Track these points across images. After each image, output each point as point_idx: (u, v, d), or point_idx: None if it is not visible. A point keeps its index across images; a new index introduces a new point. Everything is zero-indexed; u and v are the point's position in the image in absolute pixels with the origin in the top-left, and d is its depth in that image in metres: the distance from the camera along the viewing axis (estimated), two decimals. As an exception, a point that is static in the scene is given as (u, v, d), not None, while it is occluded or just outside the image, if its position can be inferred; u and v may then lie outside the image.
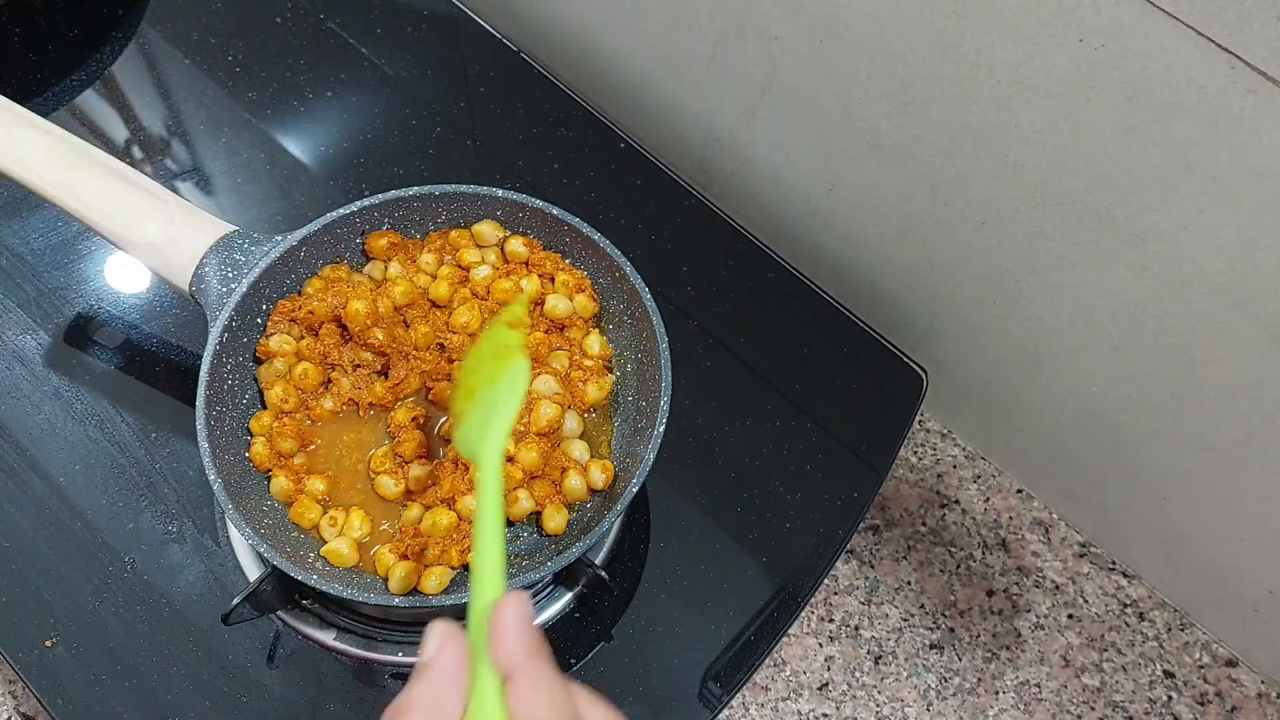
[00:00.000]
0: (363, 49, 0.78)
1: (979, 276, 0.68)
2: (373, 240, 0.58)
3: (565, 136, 0.75)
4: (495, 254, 0.59)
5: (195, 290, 0.54)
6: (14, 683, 0.65)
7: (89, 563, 0.58)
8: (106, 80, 0.75)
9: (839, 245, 0.76)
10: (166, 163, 0.73)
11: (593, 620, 0.59)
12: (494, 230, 0.59)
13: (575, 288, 0.58)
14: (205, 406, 0.51)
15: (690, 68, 0.74)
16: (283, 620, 0.58)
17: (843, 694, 0.69)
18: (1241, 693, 0.72)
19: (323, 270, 0.58)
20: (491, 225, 0.59)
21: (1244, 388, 0.59)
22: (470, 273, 0.58)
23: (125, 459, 0.61)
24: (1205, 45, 0.47)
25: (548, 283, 0.58)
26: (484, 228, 0.59)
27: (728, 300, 0.70)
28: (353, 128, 0.74)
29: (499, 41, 0.78)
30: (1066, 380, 0.69)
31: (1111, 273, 0.60)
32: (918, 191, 0.67)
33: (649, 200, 0.73)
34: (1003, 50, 0.54)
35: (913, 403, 0.67)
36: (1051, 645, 0.73)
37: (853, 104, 0.65)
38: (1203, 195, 0.52)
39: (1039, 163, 0.58)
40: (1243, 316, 0.56)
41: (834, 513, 0.63)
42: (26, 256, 0.68)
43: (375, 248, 0.58)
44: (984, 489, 0.79)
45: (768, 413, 0.66)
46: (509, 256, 0.59)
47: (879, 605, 0.73)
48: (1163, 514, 0.70)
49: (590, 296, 0.58)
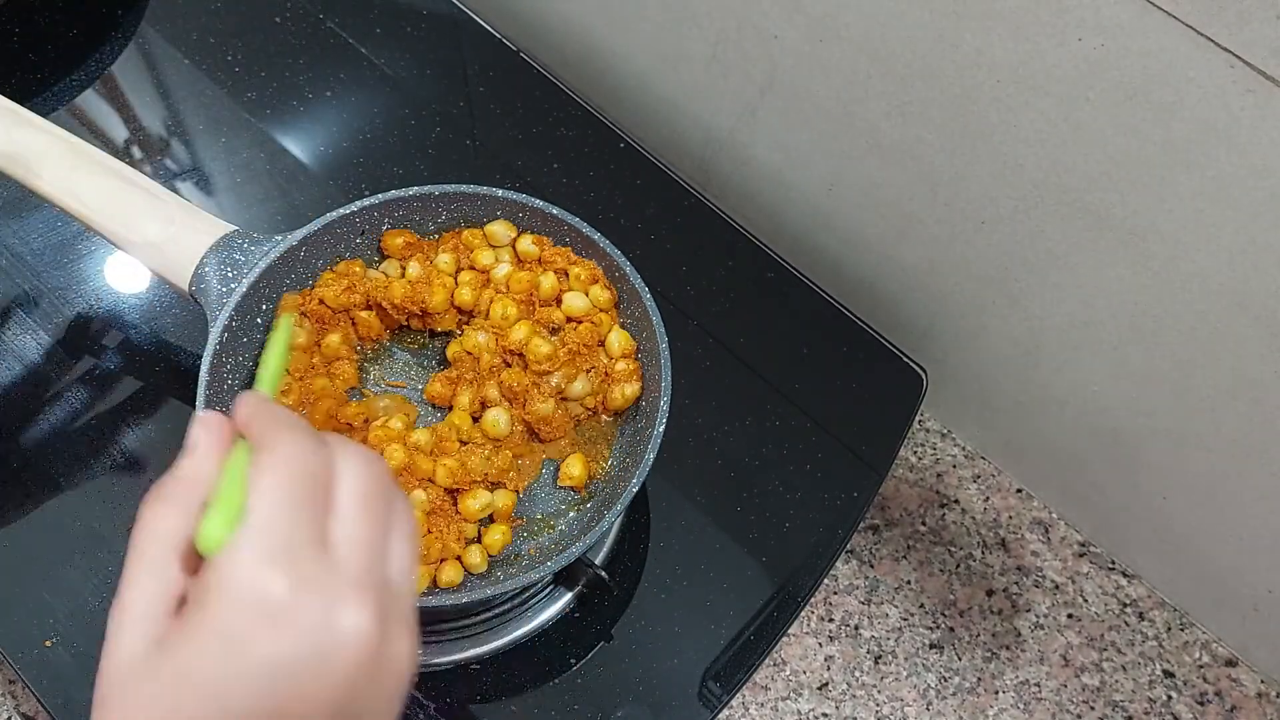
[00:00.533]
0: (362, 49, 0.78)
1: (979, 276, 0.68)
2: (389, 239, 0.58)
3: (565, 136, 0.75)
4: (508, 253, 0.59)
5: (195, 290, 0.54)
6: (14, 683, 0.65)
7: (89, 563, 0.58)
8: (106, 80, 0.75)
9: (839, 245, 0.76)
10: (166, 163, 0.73)
11: (593, 620, 0.59)
12: (506, 230, 0.59)
13: (589, 280, 0.58)
14: (205, 406, 0.51)
15: (690, 68, 0.74)
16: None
17: (842, 694, 0.69)
18: (1241, 692, 0.72)
19: (338, 265, 0.58)
20: (504, 225, 0.59)
21: (1244, 388, 0.59)
22: (490, 274, 0.59)
23: (125, 459, 0.61)
24: (1205, 45, 0.47)
25: (562, 278, 0.58)
26: (496, 227, 0.59)
27: (728, 300, 0.70)
28: (352, 128, 0.74)
29: (499, 41, 0.78)
30: (1066, 380, 0.69)
31: (1111, 273, 0.60)
32: (918, 191, 0.67)
33: (649, 200, 0.73)
34: (1002, 50, 0.55)
35: (913, 402, 0.67)
36: (1051, 645, 0.73)
37: (853, 104, 0.65)
38: (1203, 195, 0.52)
39: (1039, 162, 0.58)
40: (1243, 316, 0.56)
41: (834, 513, 0.63)
42: (26, 256, 0.68)
43: (391, 246, 0.59)
44: (984, 489, 0.79)
45: (768, 413, 0.66)
46: (521, 255, 0.59)
47: (879, 605, 0.73)
48: (1163, 514, 0.70)
49: (605, 286, 0.58)
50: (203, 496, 0.31)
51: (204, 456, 0.33)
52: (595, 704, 0.57)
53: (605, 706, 0.57)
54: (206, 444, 0.33)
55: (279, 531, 0.30)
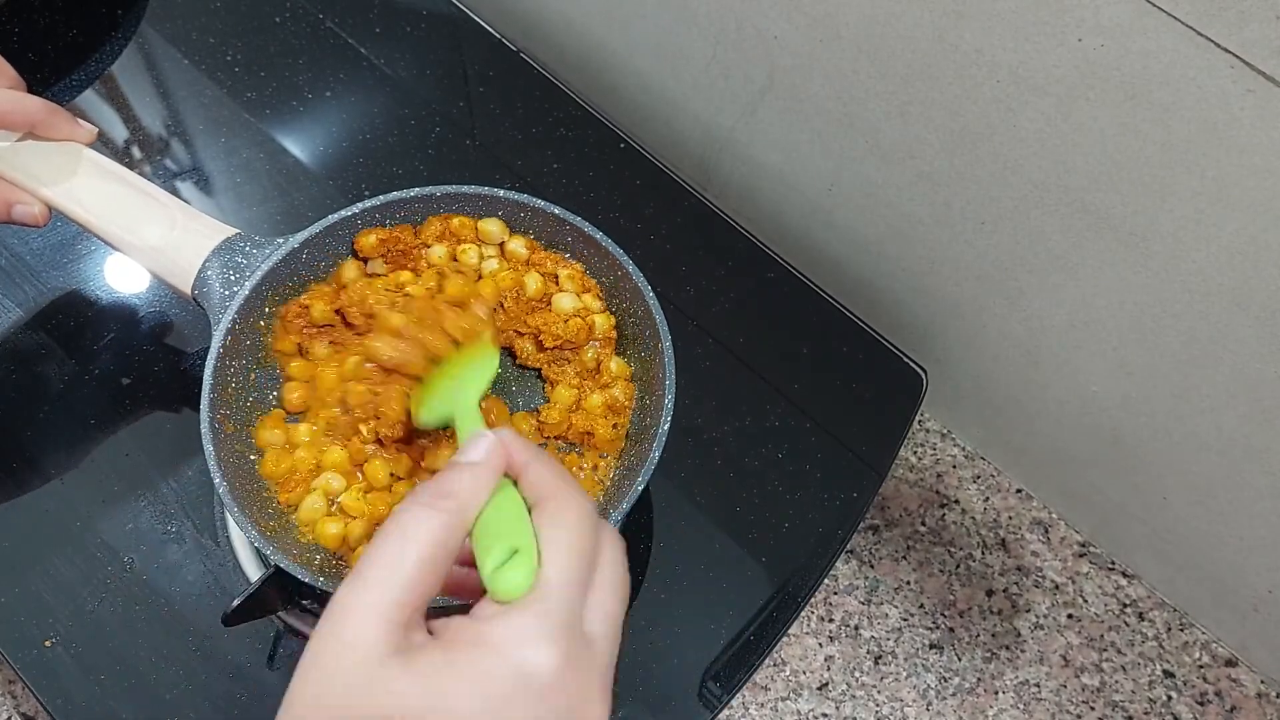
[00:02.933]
0: (362, 49, 0.78)
1: (979, 276, 0.68)
2: (362, 239, 0.57)
3: (565, 136, 0.75)
4: (495, 251, 0.59)
5: (198, 293, 0.54)
6: (14, 683, 0.65)
7: (88, 562, 0.58)
8: (106, 80, 0.75)
9: (839, 245, 0.76)
10: (166, 163, 0.73)
11: (593, 620, 0.59)
12: (500, 229, 0.59)
13: (581, 286, 0.58)
14: (209, 410, 0.51)
15: (690, 67, 0.74)
16: (283, 620, 0.58)
17: (842, 694, 0.69)
18: (1241, 692, 0.72)
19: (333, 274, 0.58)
20: (498, 224, 0.59)
21: (1244, 388, 0.59)
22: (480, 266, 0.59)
23: (125, 459, 0.61)
24: (1205, 45, 0.47)
25: (550, 282, 0.58)
26: (490, 225, 0.59)
27: (728, 300, 0.70)
28: (352, 128, 0.74)
29: (499, 41, 0.78)
30: (1066, 380, 0.69)
31: (1111, 273, 0.60)
32: (918, 191, 0.67)
33: (649, 200, 0.73)
34: (1002, 50, 0.55)
35: (913, 403, 0.67)
36: (1051, 645, 0.73)
37: (853, 104, 0.65)
38: (1202, 195, 0.52)
39: (1039, 163, 0.58)
40: (1243, 316, 0.56)
41: (834, 513, 0.63)
42: (26, 256, 0.68)
43: (364, 245, 0.57)
44: (984, 489, 0.79)
45: (768, 413, 0.66)
46: (508, 256, 0.59)
47: (879, 605, 0.73)
48: (1163, 514, 0.70)
49: (597, 295, 0.58)
50: (473, 517, 0.32)
51: (482, 481, 0.33)
52: (595, 704, 0.57)
53: (605, 707, 0.57)
54: (487, 469, 0.33)
55: (564, 608, 0.31)
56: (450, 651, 0.30)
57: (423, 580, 0.31)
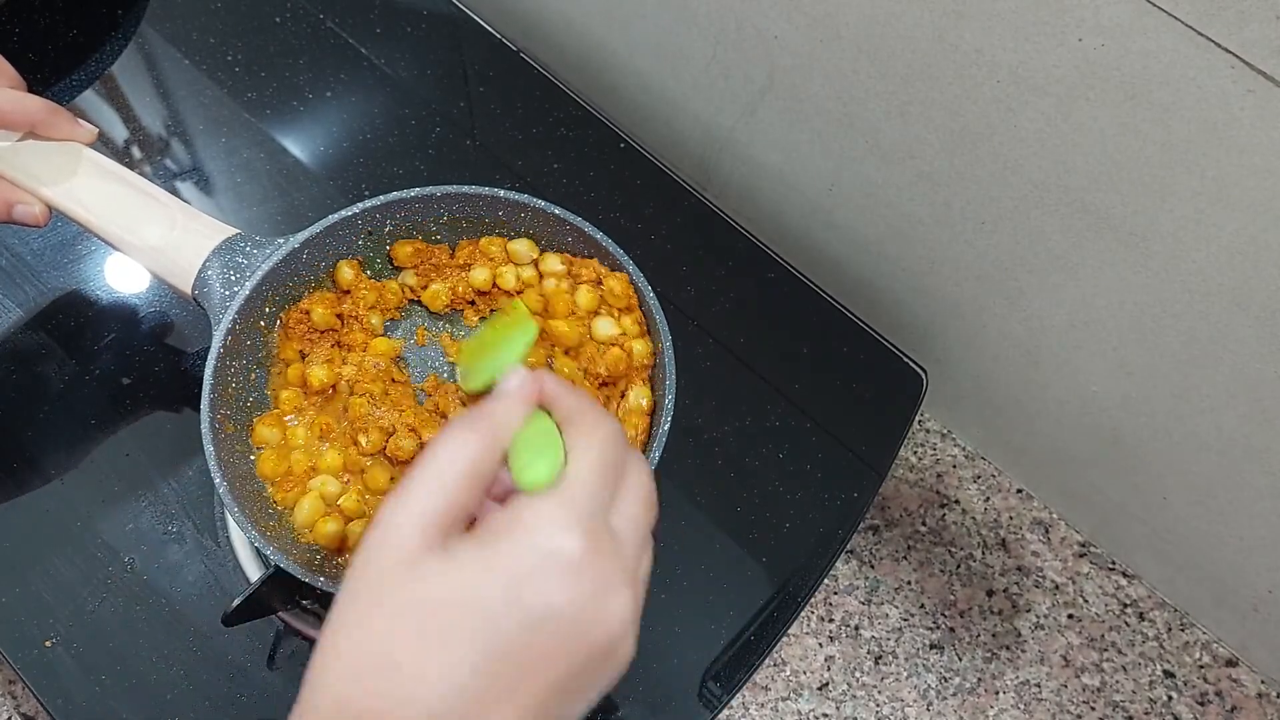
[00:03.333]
0: (362, 49, 0.78)
1: (979, 276, 0.68)
2: (399, 249, 0.58)
3: (565, 136, 0.75)
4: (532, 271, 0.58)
5: (198, 294, 0.54)
6: (14, 683, 0.65)
7: (88, 562, 0.58)
8: (106, 80, 0.75)
9: (839, 245, 0.76)
10: (166, 163, 0.73)
11: (593, 620, 0.59)
12: (529, 249, 0.58)
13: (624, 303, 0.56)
14: (210, 410, 0.51)
15: (690, 67, 0.74)
16: (283, 620, 0.58)
17: (843, 694, 0.69)
18: (1241, 692, 0.72)
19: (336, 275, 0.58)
20: (527, 244, 0.58)
21: (1244, 388, 0.59)
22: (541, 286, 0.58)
23: (125, 459, 0.61)
24: (1205, 45, 0.47)
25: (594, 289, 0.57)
26: (519, 246, 0.58)
27: (728, 300, 0.70)
28: (352, 128, 0.74)
29: (499, 41, 0.78)
30: (1066, 380, 0.69)
31: (1111, 273, 0.60)
32: (918, 191, 0.67)
33: (649, 200, 0.73)
34: (1002, 50, 0.55)
35: (913, 403, 0.67)
36: (1051, 645, 0.73)
37: (853, 104, 0.65)
38: (1202, 195, 0.52)
39: (1039, 163, 0.58)
40: (1243, 316, 0.56)
41: (834, 513, 0.63)
42: (26, 256, 0.68)
43: (401, 255, 0.58)
44: (984, 489, 0.79)
45: (768, 413, 0.66)
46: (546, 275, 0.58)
47: (879, 605, 0.73)
48: (1163, 514, 0.70)
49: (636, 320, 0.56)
50: (508, 439, 0.34)
51: (515, 406, 0.35)
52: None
53: (605, 706, 0.57)
54: (519, 396, 0.36)
55: (589, 499, 0.33)
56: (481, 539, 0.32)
57: (460, 493, 0.33)
